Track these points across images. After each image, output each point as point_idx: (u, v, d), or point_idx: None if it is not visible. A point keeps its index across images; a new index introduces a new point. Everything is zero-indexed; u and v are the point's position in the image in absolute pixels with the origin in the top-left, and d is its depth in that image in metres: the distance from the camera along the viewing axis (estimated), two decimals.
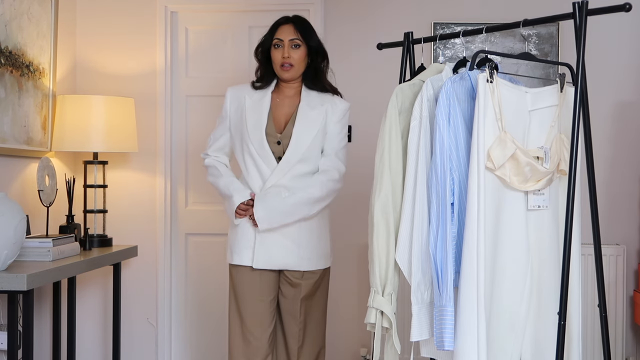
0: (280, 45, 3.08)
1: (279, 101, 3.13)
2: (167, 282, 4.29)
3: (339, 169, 3.12)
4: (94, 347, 4.30)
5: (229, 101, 3.17)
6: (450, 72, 2.65)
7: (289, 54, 3.06)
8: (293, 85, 3.14)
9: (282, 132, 3.08)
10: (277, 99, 3.13)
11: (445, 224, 2.41)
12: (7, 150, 3.49)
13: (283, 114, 3.12)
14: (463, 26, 4.08)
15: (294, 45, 3.07)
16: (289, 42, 3.07)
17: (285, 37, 3.07)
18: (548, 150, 2.46)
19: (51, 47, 3.92)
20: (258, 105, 3.09)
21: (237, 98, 3.15)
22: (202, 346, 4.31)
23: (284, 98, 3.14)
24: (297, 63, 3.08)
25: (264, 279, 3.07)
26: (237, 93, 3.16)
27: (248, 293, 3.07)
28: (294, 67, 3.07)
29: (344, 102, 3.18)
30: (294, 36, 3.07)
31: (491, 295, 2.40)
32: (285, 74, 3.08)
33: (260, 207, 2.98)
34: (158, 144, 4.27)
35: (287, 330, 3.13)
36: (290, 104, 3.13)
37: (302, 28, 3.09)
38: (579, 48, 2.41)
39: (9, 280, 2.80)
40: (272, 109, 3.11)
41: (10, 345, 2.87)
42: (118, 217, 4.24)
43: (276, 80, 3.16)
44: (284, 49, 3.06)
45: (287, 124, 3.09)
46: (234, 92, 3.17)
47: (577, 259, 2.52)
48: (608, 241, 3.97)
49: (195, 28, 4.34)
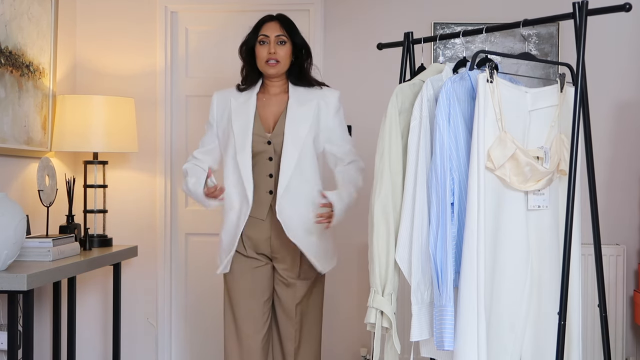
0: (265, 42, 3.06)
1: (265, 100, 3.10)
2: (167, 282, 4.29)
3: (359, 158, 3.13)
4: (94, 347, 4.30)
5: (215, 106, 3.15)
6: (450, 72, 2.65)
7: (275, 50, 3.04)
8: (278, 83, 3.11)
9: (271, 132, 3.05)
10: (263, 98, 3.11)
11: (445, 224, 2.41)
12: (7, 150, 3.49)
13: (271, 113, 3.09)
14: (463, 26, 4.08)
15: (280, 41, 3.06)
16: (274, 38, 3.06)
17: (271, 34, 3.06)
18: (548, 150, 2.46)
19: (51, 47, 3.92)
20: (244, 108, 3.07)
21: (223, 102, 3.12)
22: (202, 346, 4.31)
23: (270, 97, 3.11)
24: (283, 59, 3.06)
25: (257, 279, 3.06)
26: (223, 97, 3.14)
27: (241, 292, 3.06)
28: (279, 63, 3.05)
29: (334, 91, 3.14)
30: (279, 32, 3.07)
31: (491, 295, 2.40)
32: (271, 70, 3.05)
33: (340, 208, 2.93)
34: (158, 144, 4.27)
35: (283, 331, 3.11)
36: (277, 102, 3.10)
37: (287, 25, 3.09)
38: (579, 48, 2.41)
39: (9, 280, 2.80)
40: (258, 109, 3.08)
41: (10, 345, 2.87)
42: (118, 217, 4.24)
43: (261, 80, 3.14)
44: (270, 45, 3.05)
45: (276, 123, 3.06)
46: (220, 97, 3.15)
47: (577, 259, 2.52)
48: (608, 241, 3.97)
49: (195, 28, 4.34)
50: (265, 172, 3.04)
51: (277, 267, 3.10)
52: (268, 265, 3.10)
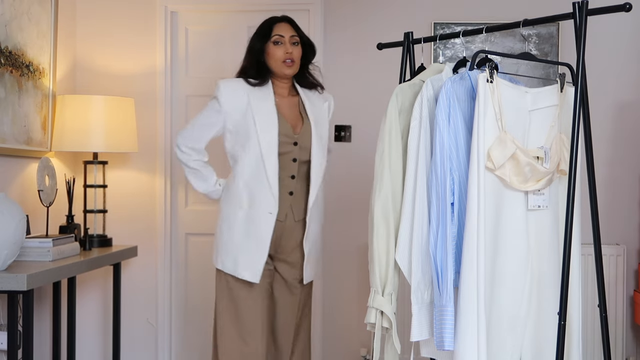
0: (281, 42, 3.05)
1: (278, 101, 3.09)
2: (167, 282, 4.29)
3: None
4: (94, 347, 4.30)
5: (224, 96, 3.01)
6: (450, 72, 2.65)
7: (292, 50, 3.05)
8: (287, 85, 3.12)
9: (298, 133, 3.05)
10: (276, 98, 3.09)
11: (445, 224, 2.41)
12: (7, 150, 3.49)
13: (290, 114, 3.08)
14: (463, 26, 4.08)
15: (294, 42, 3.07)
16: (290, 38, 3.07)
17: (285, 34, 3.06)
18: (548, 150, 2.46)
19: (51, 47, 3.92)
20: (264, 105, 3.02)
21: (235, 93, 3.02)
22: (202, 346, 4.31)
23: (281, 98, 3.10)
24: (298, 59, 3.08)
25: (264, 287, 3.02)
26: (233, 88, 3.04)
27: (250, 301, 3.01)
28: (295, 63, 3.07)
29: (329, 95, 3.24)
30: (293, 33, 3.08)
31: (491, 295, 2.40)
32: (288, 70, 3.05)
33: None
34: (158, 144, 4.27)
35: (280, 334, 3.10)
36: (290, 103, 3.11)
37: (297, 27, 3.11)
38: (579, 48, 2.41)
39: (9, 280, 2.80)
40: (278, 109, 3.05)
41: (10, 345, 2.87)
42: (118, 217, 4.24)
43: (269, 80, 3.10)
44: (286, 45, 3.05)
45: (297, 124, 3.07)
46: (229, 87, 3.04)
47: (577, 259, 2.52)
48: (608, 241, 3.97)
49: (195, 28, 4.34)
50: (288, 174, 3.03)
51: (280, 267, 3.07)
52: (272, 267, 3.07)
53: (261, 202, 2.97)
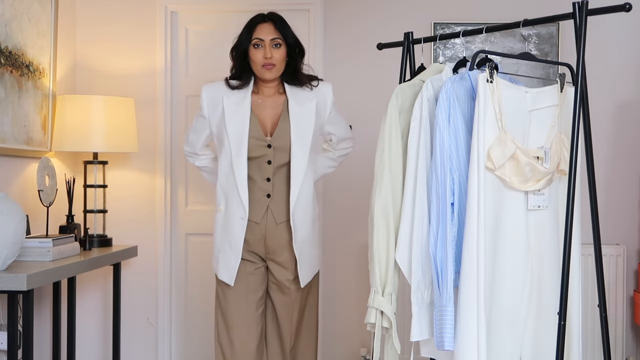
0: (260, 45, 2.98)
1: (261, 102, 3.02)
2: (167, 282, 4.29)
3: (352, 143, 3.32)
4: (94, 347, 4.30)
5: (205, 102, 3.04)
6: (450, 72, 2.65)
7: (271, 54, 2.96)
8: (273, 84, 3.03)
9: (271, 135, 2.98)
10: (257, 99, 3.03)
11: (445, 224, 2.41)
12: (7, 150, 3.49)
13: (268, 115, 3.01)
14: (463, 26, 4.08)
15: (275, 44, 2.98)
16: (269, 41, 2.97)
17: (265, 37, 2.98)
18: (548, 150, 2.46)
19: (51, 47, 3.92)
20: (238, 108, 2.98)
21: (214, 98, 3.02)
22: (202, 346, 4.31)
23: (265, 98, 3.03)
24: (279, 62, 2.98)
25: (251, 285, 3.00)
26: (213, 92, 3.03)
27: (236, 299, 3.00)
28: (275, 67, 2.97)
29: (327, 84, 3.09)
30: (274, 35, 2.98)
31: (491, 295, 2.40)
32: (268, 74, 2.98)
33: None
34: (158, 144, 4.27)
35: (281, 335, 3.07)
36: (273, 103, 3.03)
37: (281, 27, 3.00)
38: (579, 48, 2.41)
39: (9, 280, 2.80)
40: (254, 111, 3.00)
41: (10, 345, 2.87)
42: (118, 217, 4.24)
43: (253, 80, 3.05)
44: (265, 49, 2.97)
45: (274, 125, 3.00)
46: (210, 92, 3.04)
47: (577, 259, 2.52)
48: (608, 241, 3.97)
49: (195, 28, 4.34)
50: (263, 176, 2.98)
51: (272, 268, 3.04)
52: (262, 268, 3.05)
53: (233, 205, 2.98)
